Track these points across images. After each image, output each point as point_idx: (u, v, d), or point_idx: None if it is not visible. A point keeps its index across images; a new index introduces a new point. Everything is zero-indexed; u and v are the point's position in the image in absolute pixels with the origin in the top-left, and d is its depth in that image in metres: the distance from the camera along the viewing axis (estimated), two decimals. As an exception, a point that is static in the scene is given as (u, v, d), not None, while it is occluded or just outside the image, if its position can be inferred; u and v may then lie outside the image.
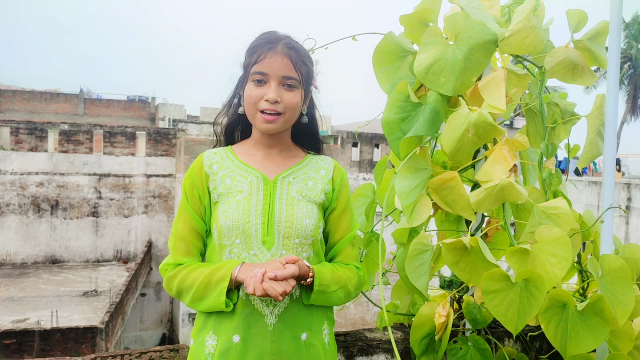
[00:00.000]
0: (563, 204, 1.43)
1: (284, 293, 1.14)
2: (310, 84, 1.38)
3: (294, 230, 1.28)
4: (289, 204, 1.30)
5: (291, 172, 1.35)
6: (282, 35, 1.32)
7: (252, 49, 1.32)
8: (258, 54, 1.29)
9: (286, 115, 1.30)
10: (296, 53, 1.30)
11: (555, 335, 1.39)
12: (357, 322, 16.19)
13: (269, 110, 1.28)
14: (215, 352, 1.24)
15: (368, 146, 19.37)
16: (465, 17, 1.42)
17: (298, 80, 1.30)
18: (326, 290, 1.28)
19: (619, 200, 12.32)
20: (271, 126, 1.29)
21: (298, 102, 1.31)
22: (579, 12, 1.62)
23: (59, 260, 18.30)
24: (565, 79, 1.58)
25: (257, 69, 1.28)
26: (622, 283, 1.45)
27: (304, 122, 1.39)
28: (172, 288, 1.30)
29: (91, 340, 11.59)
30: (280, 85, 1.28)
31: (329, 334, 1.35)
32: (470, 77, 1.41)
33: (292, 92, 1.29)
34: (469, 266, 1.46)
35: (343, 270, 1.35)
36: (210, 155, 1.36)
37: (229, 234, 1.27)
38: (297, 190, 1.33)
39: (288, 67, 1.28)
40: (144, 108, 28.25)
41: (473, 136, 1.40)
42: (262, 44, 1.30)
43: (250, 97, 1.29)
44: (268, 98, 1.27)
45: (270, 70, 1.28)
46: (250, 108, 1.31)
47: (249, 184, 1.31)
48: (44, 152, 18.33)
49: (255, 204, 1.29)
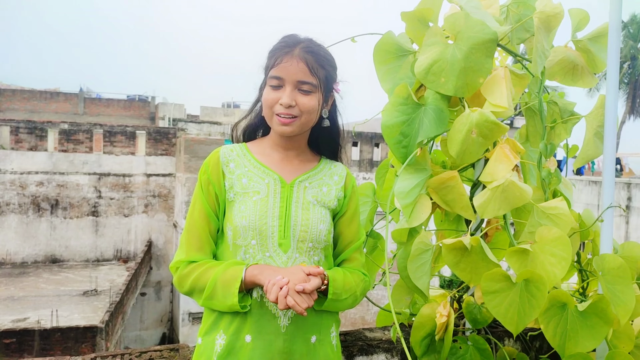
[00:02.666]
0: (562, 204, 1.43)
1: (307, 308, 1.14)
2: (331, 87, 1.37)
3: (309, 234, 1.29)
4: (305, 209, 1.31)
5: (307, 177, 1.36)
6: (302, 39, 1.32)
7: (272, 52, 1.32)
8: (275, 58, 1.29)
9: (302, 118, 1.29)
10: (314, 57, 1.29)
11: (554, 335, 1.39)
12: (357, 321, 16.20)
13: (283, 114, 1.28)
14: (225, 350, 1.23)
15: (368, 145, 19.37)
16: (465, 17, 1.42)
17: (314, 85, 1.29)
18: (338, 298, 1.28)
19: (619, 199, 12.33)
20: (287, 129, 1.29)
21: (314, 106, 1.30)
22: (581, 12, 1.61)
23: (59, 259, 18.30)
24: (565, 80, 1.58)
25: (273, 73, 1.29)
26: (621, 282, 1.45)
27: (324, 126, 1.38)
28: (184, 287, 1.28)
29: (91, 340, 11.59)
30: (295, 89, 1.28)
31: (336, 336, 1.36)
32: (474, 78, 1.39)
33: (308, 96, 1.29)
34: (470, 266, 1.46)
35: (352, 276, 1.35)
36: (227, 152, 1.36)
37: (244, 235, 1.27)
38: (313, 195, 1.34)
39: (304, 71, 1.27)
40: (143, 107, 28.22)
41: (478, 137, 1.38)
42: (280, 48, 1.30)
43: (266, 101, 1.30)
44: (282, 102, 1.27)
45: (285, 75, 1.27)
46: (267, 111, 1.31)
47: (266, 185, 1.31)
48: (43, 151, 18.32)
49: (273, 206, 1.29)
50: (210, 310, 1.31)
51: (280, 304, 1.12)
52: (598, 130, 1.58)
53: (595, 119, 1.59)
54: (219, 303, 1.24)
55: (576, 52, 1.60)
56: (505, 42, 1.62)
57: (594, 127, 1.59)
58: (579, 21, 1.61)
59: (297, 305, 1.12)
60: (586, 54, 1.63)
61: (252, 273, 1.21)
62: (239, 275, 1.21)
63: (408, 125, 1.44)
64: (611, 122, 1.56)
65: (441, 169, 1.62)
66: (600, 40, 1.62)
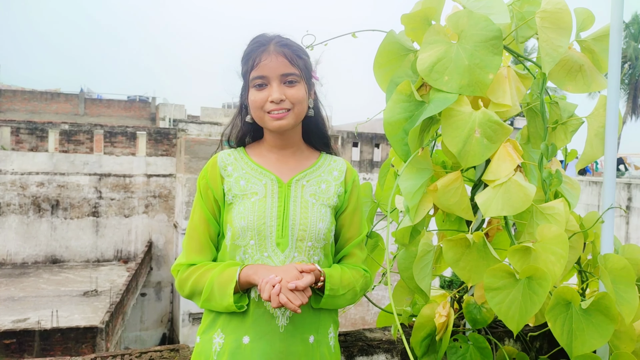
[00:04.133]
0: (560, 205, 1.43)
1: (301, 305, 1.14)
2: (311, 76, 1.38)
3: (308, 233, 1.29)
4: (303, 207, 1.31)
5: (304, 175, 1.36)
6: (272, 36, 1.33)
7: (246, 55, 1.33)
8: (253, 59, 1.30)
9: (295, 109, 1.30)
10: (289, 49, 1.31)
11: (562, 334, 1.38)
12: (357, 322, 16.19)
13: (275, 109, 1.28)
14: (223, 350, 1.24)
15: (368, 146, 19.37)
16: (469, 14, 1.40)
17: (298, 75, 1.31)
18: (335, 294, 1.28)
19: (619, 200, 12.32)
20: (282, 122, 1.29)
21: (303, 96, 1.32)
22: (586, 11, 1.60)
23: (59, 260, 18.30)
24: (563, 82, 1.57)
25: (255, 74, 1.29)
26: (625, 282, 1.44)
27: (310, 116, 1.39)
28: (185, 290, 1.30)
29: (91, 340, 11.59)
30: (281, 83, 1.29)
31: (334, 337, 1.36)
32: (482, 75, 1.37)
33: (295, 87, 1.30)
34: (470, 264, 1.45)
35: (351, 272, 1.35)
36: (224, 157, 1.37)
37: (243, 235, 1.27)
38: (311, 193, 1.34)
39: (284, 64, 1.29)
40: (144, 108, 28.24)
41: (482, 137, 1.37)
42: (254, 49, 1.31)
43: (254, 102, 1.30)
44: (273, 99, 1.27)
45: (268, 72, 1.28)
46: (257, 112, 1.31)
47: (263, 186, 1.32)
48: (44, 152, 18.34)
49: (270, 206, 1.29)
50: (209, 309, 1.31)
51: (273, 302, 1.12)
52: (599, 130, 1.58)
53: (596, 120, 1.59)
54: (216, 304, 1.25)
55: (580, 54, 1.59)
56: (509, 40, 1.61)
57: (595, 127, 1.58)
58: (583, 20, 1.60)
59: (290, 303, 1.12)
60: (590, 54, 1.62)
61: (246, 273, 1.22)
62: (234, 277, 1.22)
63: (411, 122, 1.43)
64: (612, 123, 1.55)
65: (441, 169, 1.62)
66: (604, 40, 1.61)
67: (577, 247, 1.56)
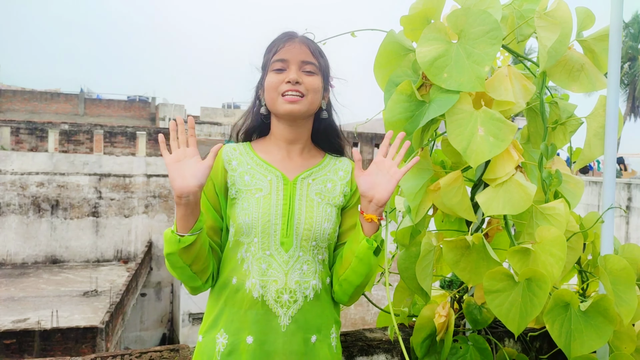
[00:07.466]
0: (560, 205, 1.43)
1: None
2: (329, 77, 1.39)
3: (312, 233, 1.28)
4: (309, 206, 1.30)
5: (310, 173, 1.35)
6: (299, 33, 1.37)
7: (270, 45, 1.35)
8: (276, 46, 1.32)
9: (309, 97, 1.30)
10: (313, 44, 1.35)
11: (560, 336, 1.39)
12: (357, 322, 16.19)
13: (291, 91, 1.28)
14: (227, 350, 1.23)
15: (368, 146, 19.37)
16: (467, 12, 1.40)
17: (317, 67, 1.32)
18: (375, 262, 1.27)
19: (619, 200, 12.32)
20: (295, 106, 1.28)
21: (319, 86, 1.32)
22: (586, 11, 1.60)
23: (59, 260, 18.30)
24: (567, 83, 1.57)
25: (276, 58, 1.30)
26: (625, 283, 1.44)
27: (323, 118, 1.39)
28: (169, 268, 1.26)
29: (91, 340, 11.59)
30: (299, 70, 1.30)
31: (336, 337, 1.35)
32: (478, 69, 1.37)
33: (312, 76, 1.31)
34: (470, 265, 1.45)
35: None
36: (229, 151, 1.36)
37: (247, 232, 1.26)
38: (317, 192, 1.33)
39: (306, 53, 1.31)
40: (144, 108, 28.25)
41: (487, 135, 1.37)
42: (279, 38, 1.34)
43: (270, 84, 1.30)
44: (289, 79, 1.27)
45: (290, 56, 1.30)
46: (272, 94, 1.30)
47: (268, 182, 1.31)
48: (44, 152, 18.33)
49: (276, 204, 1.28)
50: (211, 308, 1.31)
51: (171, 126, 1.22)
52: (598, 130, 1.58)
53: (595, 120, 1.58)
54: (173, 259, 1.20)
55: (580, 53, 1.59)
56: (510, 39, 1.61)
57: (594, 128, 1.58)
58: (584, 20, 1.60)
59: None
60: (591, 54, 1.62)
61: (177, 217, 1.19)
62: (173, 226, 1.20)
63: (413, 122, 1.43)
64: (612, 123, 1.55)
65: (441, 169, 1.62)
66: (604, 40, 1.60)
67: (577, 248, 1.56)
